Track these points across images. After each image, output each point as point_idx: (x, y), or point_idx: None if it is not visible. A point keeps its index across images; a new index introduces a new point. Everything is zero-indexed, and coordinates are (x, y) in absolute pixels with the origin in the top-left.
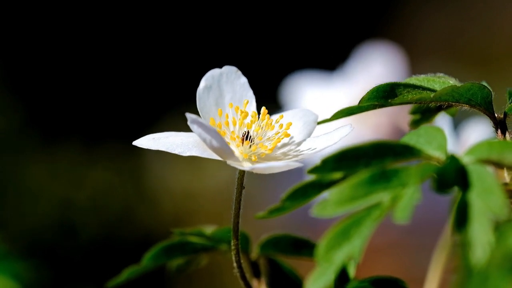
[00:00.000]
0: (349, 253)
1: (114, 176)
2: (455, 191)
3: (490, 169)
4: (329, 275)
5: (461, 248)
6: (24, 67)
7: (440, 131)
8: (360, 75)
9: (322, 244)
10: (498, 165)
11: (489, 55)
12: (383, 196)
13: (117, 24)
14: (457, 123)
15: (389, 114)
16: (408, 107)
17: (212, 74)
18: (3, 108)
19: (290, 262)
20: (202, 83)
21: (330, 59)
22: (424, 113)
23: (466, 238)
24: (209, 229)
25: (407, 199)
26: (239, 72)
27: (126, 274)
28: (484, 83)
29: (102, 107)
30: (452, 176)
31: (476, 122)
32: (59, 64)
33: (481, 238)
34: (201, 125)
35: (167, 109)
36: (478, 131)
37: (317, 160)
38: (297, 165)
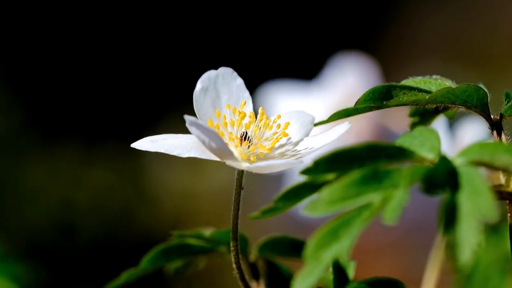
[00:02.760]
0: (337, 252)
1: (113, 177)
2: (444, 193)
3: (481, 171)
4: (317, 274)
5: (449, 249)
6: (24, 67)
7: (434, 132)
8: (336, 85)
9: (311, 243)
10: (490, 166)
11: (489, 55)
12: (374, 197)
13: (117, 25)
14: (453, 123)
15: (370, 119)
16: (394, 109)
17: (208, 76)
18: (3, 108)
19: (288, 263)
20: (199, 85)
21: (323, 62)
22: (423, 116)
23: (454, 239)
24: (208, 231)
25: (396, 200)
26: (235, 73)
27: (124, 276)
28: (480, 85)
29: (102, 107)
30: (442, 178)
31: (470, 122)
32: (59, 64)
33: (469, 239)
34: (199, 126)
35: (167, 109)
36: (472, 131)
37: (310, 160)
38: (296, 163)
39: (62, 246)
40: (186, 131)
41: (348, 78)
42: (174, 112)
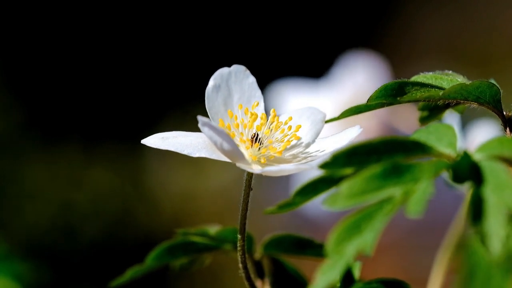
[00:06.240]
0: (360, 246)
1: (114, 177)
2: (467, 187)
3: (503, 165)
4: (339, 268)
5: (478, 240)
6: (24, 67)
7: (450, 128)
8: (345, 82)
9: (332, 237)
10: (510, 162)
11: (489, 55)
12: (395, 191)
13: (118, 23)
14: (465, 122)
15: (379, 117)
16: (401, 108)
17: (221, 73)
18: (3, 109)
19: (293, 261)
20: (211, 82)
21: (331, 60)
22: (432, 110)
23: (482, 232)
24: (213, 229)
25: (420, 193)
26: (248, 71)
27: (129, 274)
28: (493, 81)
29: (102, 108)
30: (466, 172)
31: (483, 122)
32: (59, 65)
33: (497, 231)
34: (212, 128)
35: (167, 110)
36: (485, 130)
37: (327, 157)
38: (307, 167)
39: (62, 247)
40: (190, 130)
41: (357, 76)
42: (174, 113)
